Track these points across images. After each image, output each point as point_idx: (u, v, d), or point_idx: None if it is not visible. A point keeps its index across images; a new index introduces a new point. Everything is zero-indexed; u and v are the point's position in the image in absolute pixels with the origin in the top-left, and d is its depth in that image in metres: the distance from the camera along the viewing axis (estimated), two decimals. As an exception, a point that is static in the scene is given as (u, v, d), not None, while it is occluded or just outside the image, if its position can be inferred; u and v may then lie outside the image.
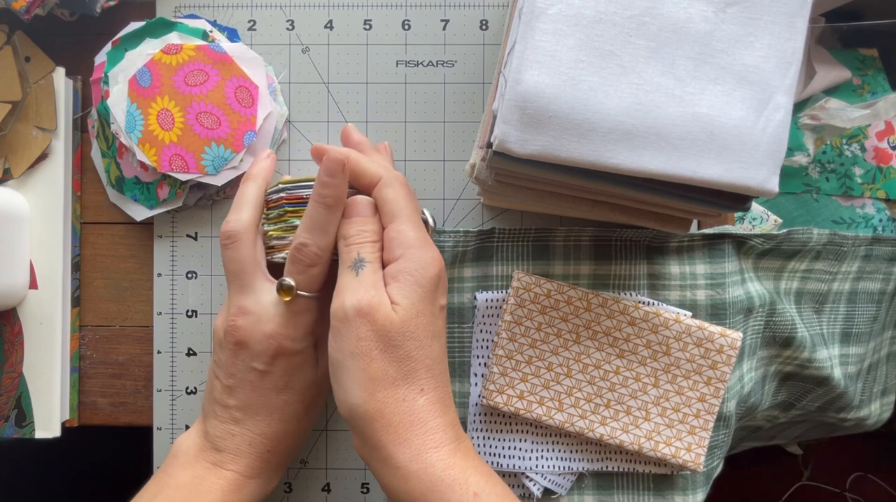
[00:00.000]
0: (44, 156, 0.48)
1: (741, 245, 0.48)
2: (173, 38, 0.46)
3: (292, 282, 0.38)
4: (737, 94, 0.34)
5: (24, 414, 0.47)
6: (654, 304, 0.46)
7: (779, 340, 0.51)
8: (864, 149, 0.56)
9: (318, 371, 0.42)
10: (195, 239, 0.48)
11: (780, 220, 0.54)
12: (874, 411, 0.61)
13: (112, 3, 0.47)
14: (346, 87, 0.48)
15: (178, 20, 0.47)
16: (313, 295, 0.39)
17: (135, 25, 0.46)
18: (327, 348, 0.41)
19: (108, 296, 0.49)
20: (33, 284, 0.48)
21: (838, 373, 0.54)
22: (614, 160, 0.34)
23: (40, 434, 0.47)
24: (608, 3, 0.34)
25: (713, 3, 0.34)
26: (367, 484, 0.48)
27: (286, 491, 0.48)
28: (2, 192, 0.46)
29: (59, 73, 0.47)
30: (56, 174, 0.48)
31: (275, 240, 0.41)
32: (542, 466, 0.46)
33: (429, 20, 0.48)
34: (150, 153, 0.45)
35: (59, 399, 0.47)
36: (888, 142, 0.56)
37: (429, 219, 0.42)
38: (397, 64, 0.48)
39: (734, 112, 0.34)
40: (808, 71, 0.54)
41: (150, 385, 0.49)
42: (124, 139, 0.45)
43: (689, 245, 0.47)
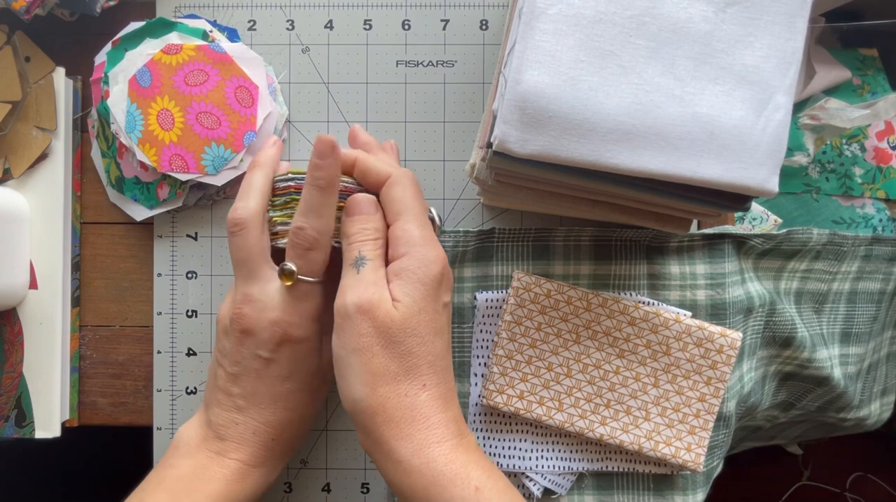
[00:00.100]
0: (44, 156, 0.48)
1: (741, 245, 0.48)
2: (173, 38, 0.46)
3: (293, 266, 0.38)
4: (737, 94, 0.34)
5: (24, 414, 0.47)
6: (654, 304, 0.46)
7: (779, 340, 0.51)
8: (864, 149, 0.56)
9: (322, 359, 0.42)
10: (195, 239, 0.48)
11: (780, 220, 0.54)
12: (874, 411, 0.61)
13: (112, 3, 0.47)
14: (346, 87, 0.48)
15: (178, 20, 0.47)
16: (315, 280, 0.39)
17: (135, 25, 0.46)
18: (330, 339, 0.42)
19: (108, 296, 0.49)
20: (33, 284, 0.48)
21: (838, 372, 0.54)
22: (614, 160, 0.34)
23: (40, 434, 0.47)
24: (608, 3, 0.34)
25: (713, 3, 0.34)
26: (367, 484, 0.48)
27: (286, 491, 0.48)
28: (2, 192, 0.46)
29: (59, 73, 0.47)
30: (56, 174, 0.48)
31: (279, 226, 0.41)
32: (542, 466, 0.46)
33: (429, 20, 0.48)
34: (150, 153, 0.45)
35: (59, 399, 0.47)
36: (888, 142, 0.56)
37: (435, 218, 0.43)
38: (397, 64, 0.48)
39: (734, 112, 0.34)
40: (808, 71, 0.54)
41: (150, 385, 0.49)
42: (124, 139, 0.45)
43: (689, 245, 0.47)
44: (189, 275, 0.48)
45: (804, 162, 0.54)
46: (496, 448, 0.46)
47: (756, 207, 0.54)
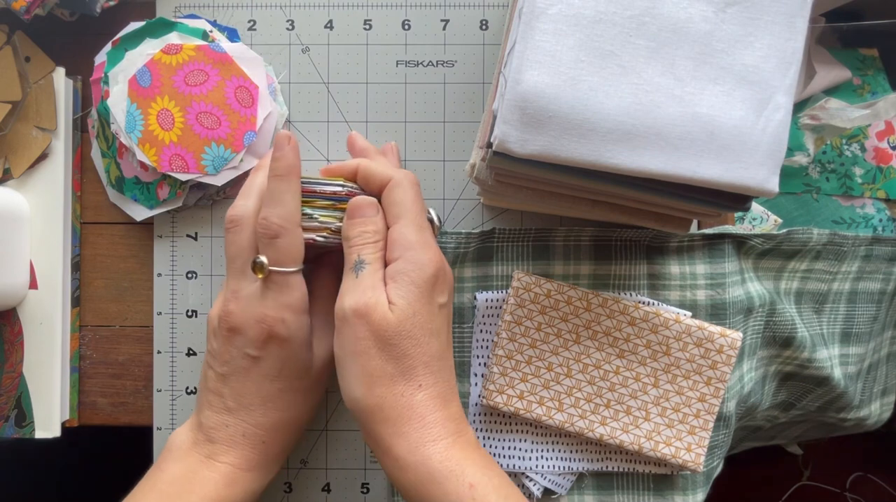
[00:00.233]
0: (44, 156, 0.48)
1: (741, 245, 0.48)
2: (173, 38, 0.46)
3: (264, 258, 0.38)
4: (737, 94, 0.34)
5: (24, 414, 0.47)
6: (654, 304, 0.46)
7: (779, 340, 0.51)
8: (864, 149, 0.56)
9: (313, 358, 0.41)
10: (195, 239, 0.48)
11: (780, 220, 0.54)
12: (874, 411, 0.61)
13: (112, 3, 0.47)
14: (346, 87, 0.48)
15: (178, 20, 0.47)
16: (291, 269, 0.39)
17: (135, 25, 0.46)
18: (324, 337, 0.42)
19: (108, 296, 0.49)
20: (33, 284, 0.48)
21: (838, 373, 0.54)
22: (614, 160, 0.34)
23: (40, 434, 0.47)
24: (608, 3, 0.34)
25: (713, 3, 0.34)
26: (367, 484, 0.48)
27: (286, 491, 0.48)
28: (2, 192, 0.46)
29: (59, 73, 0.47)
30: (56, 174, 0.48)
31: (313, 222, 0.41)
32: (542, 466, 0.46)
33: (429, 20, 0.48)
34: (150, 153, 0.45)
35: (59, 399, 0.47)
36: (888, 142, 0.56)
37: (434, 219, 0.43)
38: (397, 64, 0.48)
39: (734, 112, 0.34)
40: (808, 71, 0.54)
41: (150, 385, 0.49)
42: (124, 139, 0.45)
43: (689, 245, 0.47)
44: (189, 275, 0.48)
45: (804, 162, 0.54)
46: (496, 448, 0.46)
47: (756, 207, 0.54)
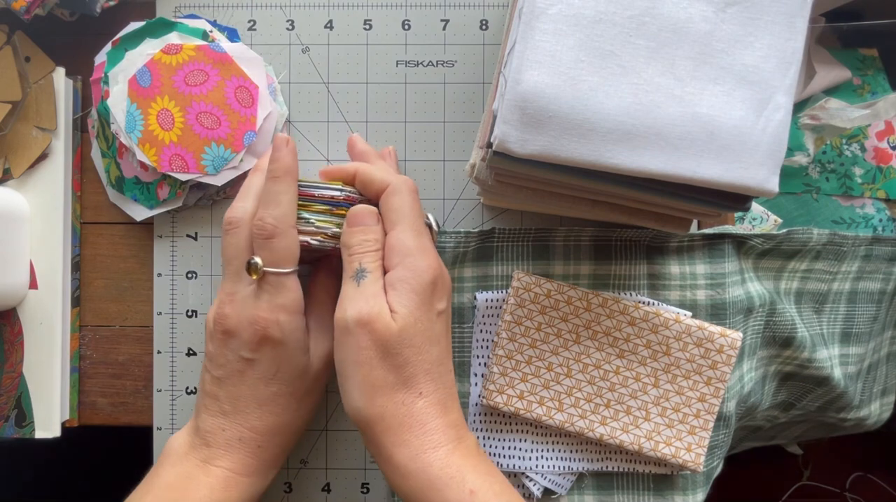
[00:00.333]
0: (44, 156, 0.48)
1: (741, 245, 0.48)
2: (173, 38, 0.46)
3: (258, 259, 0.38)
4: (737, 94, 0.34)
5: (24, 414, 0.47)
6: (654, 304, 0.46)
7: (779, 340, 0.51)
8: (864, 149, 0.56)
9: (310, 361, 0.41)
10: (195, 239, 0.48)
11: (780, 220, 0.54)
12: (874, 411, 0.61)
13: (112, 3, 0.47)
14: (346, 87, 0.48)
15: (178, 20, 0.47)
16: (285, 270, 0.39)
17: (135, 25, 0.46)
18: (321, 340, 0.42)
19: (108, 296, 0.49)
20: (33, 284, 0.48)
21: (838, 372, 0.54)
22: (614, 160, 0.34)
23: (40, 434, 0.47)
24: (608, 3, 0.34)
25: (713, 3, 0.34)
26: (367, 484, 0.48)
27: (286, 491, 0.48)
28: (2, 192, 0.46)
29: (59, 73, 0.47)
30: (56, 174, 0.48)
31: (310, 226, 0.41)
32: (542, 466, 0.46)
33: (429, 20, 0.48)
34: (150, 153, 0.45)
35: (59, 399, 0.47)
36: (888, 142, 0.56)
37: (432, 224, 0.43)
38: (397, 64, 0.48)
39: (734, 112, 0.34)
40: (808, 71, 0.54)
41: (150, 385, 0.49)
42: (124, 139, 0.45)
43: (689, 245, 0.47)
44: (189, 275, 0.48)
45: (804, 162, 0.54)
46: (496, 448, 0.46)
47: (756, 207, 0.54)
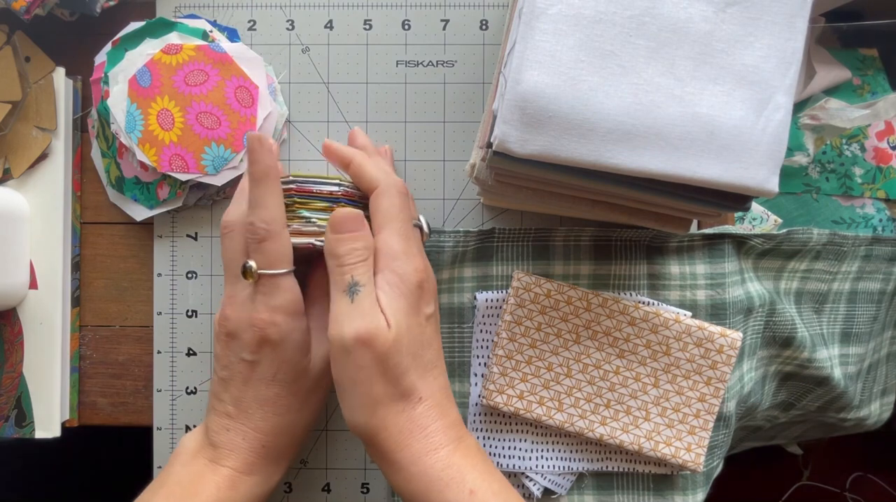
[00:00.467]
0: (44, 156, 0.48)
1: (741, 245, 0.48)
2: (173, 38, 0.46)
3: (252, 263, 0.38)
4: (737, 94, 0.34)
5: (24, 414, 0.47)
6: (654, 304, 0.46)
7: (779, 340, 0.51)
8: (864, 149, 0.56)
9: (311, 362, 0.41)
10: (195, 239, 0.48)
11: (780, 220, 0.54)
12: (874, 411, 0.61)
13: (112, 3, 0.47)
14: (346, 87, 0.48)
15: (178, 20, 0.47)
16: (280, 271, 0.38)
17: (135, 25, 0.46)
18: (322, 340, 0.42)
19: (108, 296, 0.49)
20: (33, 284, 0.48)
21: (838, 373, 0.54)
22: (614, 160, 0.34)
23: (40, 434, 0.47)
24: (608, 3, 0.34)
25: (713, 3, 0.34)
26: (367, 484, 0.48)
27: (286, 491, 0.48)
28: (2, 192, 0.47)
29: (59, 73, 0.47)
30: (56, 174, 0.48)
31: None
32: (542, 466, 0.46)
33: (429, 20, 0.48)
34: (150, 153, 0.45)
35: (59, 399, 0.47)
36: (888, 142, 0.56)
37: (423, 226, 0.42)
38: (397, 64, 0.48)
39: (734, 112, 0.34)
40: (808, 71, 0.54)
41: (150, 385, 0.49)
42: (124, 139, 0.45)
43: (689, 245, 0.47)
44: (189, 275, 0.48)
45: (804, 162, 0.54)
46: (496, 448, 0.46)
47: (756, 207, 0.54)
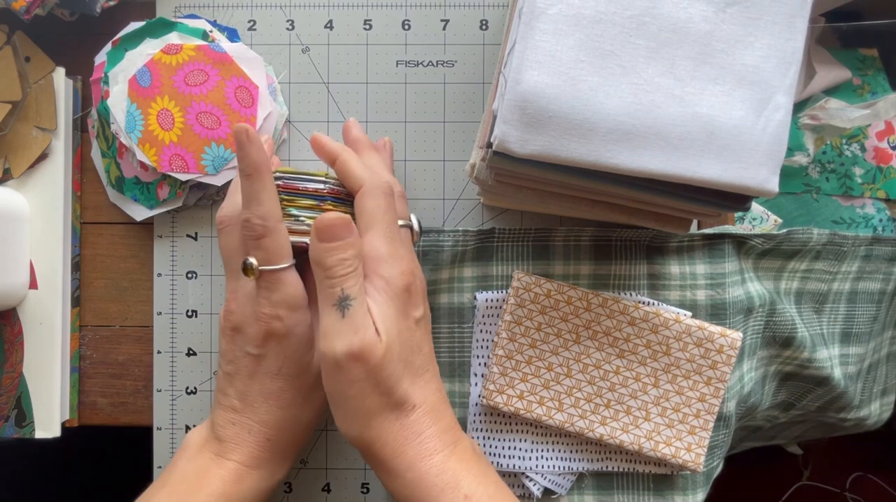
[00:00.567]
0: (44, 156, 0.48)
1: (741, 245, 0.48)
2: (173, 38, 0.46)
3: (253, 260, 0.38)
4: (737, 93, 0.34)
5: (24, 414, 0.47)
6: (654, 304, 0.46)
7: (779, 340, 0.51)
8: (864, 149, 0.55)
9: (314, 359, 0.41)
10: (195, 239, 0.48)
11: (780, 220, 0.54)
12: (874, 411, 0.61)
13: (112, 3, 0.47)
14: (346, 87, 0.48)
15: (178, 20, 0.47)
16: (281, 266, 0.38)
17: (135, 25, 0.46)
18: None
19: (108, 296, 0.49)
20: (33, 284, 0.48)
21: (838, 372, 0.54)
22: (614, 160, 0.34)
23: (40, 434, 0.47)
24: (608, 3, 0.34)
25: (713, 3, 0.34)
26: (367, 484, 0.48)
27: (286, 491, 0.48)
28: (2, 192, 0.46)
29: (59, 73, 0.47)
30: (56, 174, 0.48)
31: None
32: (542, 466, 0.46)
33: (429, 20, 0.48)
34: (150, 153, 0.45)
35: (59, 399, 0.47)
36: (888, 142, 0.56)
37: (414, 225, 0.42)
38: (397, 64, 0.48)
39: (734, 112, 0.34)
40: (808, 71, 0.54)
41: (150, 385, 0.49)
42: (124, 139, 0.45)
43: (689, 245, 0.47)
44: (189, 275, 0.48)
45: (804, 162, 0.54)
46: (496, 448, 0.46)
47: (756, 207, 0.54)
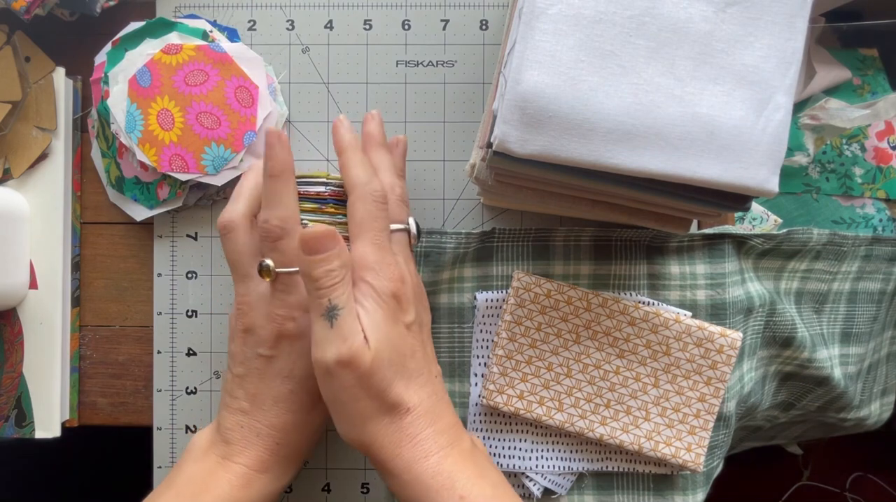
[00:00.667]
0: (44, 156, 0.48)
1: (741, 245, 0.48)
2: (173, 38, 0.46)
3: (270, 261, 0.38)
4: (737, 94, 0.34)
5: (24, 414, 0.47)
6: (654, 304, 0.46)
7: (779, 340, 0.51)
8: (864, 149, 0.56)
9: None
10: (195, 239, 0.48)
11: (780, 220, 0.54)
12: (874, 411, 0.61)
13: (112, 3, 0.47)
14: (346, 87, 0.48)
15: (178, 20, 0.47)
16: (295, 269, 0.38)
17: (135, 25, 0.46)
18: None
19: (108, 296, 0.49)
20: (33, 284, 0.48)
21: (838, 373, 0.54)
22: (614, 160, 0.34)
23: (40, 434, 0.47)
24: (608, 3, 0.34)
25: (713, 3, 0.34)
26: (367, 484, 0.48)
27: (286, 491, 0.48)
28: (2, 192, 0.46)
29: (59, 73, 0.47)
30: (56, 174, 0.48)
31: None
32: (542, 466, 0.46)
33: (429, 20, 0.48)
34: (150, 153, 0.45)
35: (59, 399, 0.47)
36: (888, 142, 0.56)
37: (412, 228, 0.41)
38: (397, 64, 0.48)
39: (734, 112, 0.34)
40: (808, 71, 0.54)
41: (150, 385, 0.49)
42: (124, 139, 0.45)
43: (689, 245, 0.47)
44: (189, 275, 0.48)
45: (804, 162, 0.54)
46: (496, 448, 0.46)
47: (756, 207, 0.54)
